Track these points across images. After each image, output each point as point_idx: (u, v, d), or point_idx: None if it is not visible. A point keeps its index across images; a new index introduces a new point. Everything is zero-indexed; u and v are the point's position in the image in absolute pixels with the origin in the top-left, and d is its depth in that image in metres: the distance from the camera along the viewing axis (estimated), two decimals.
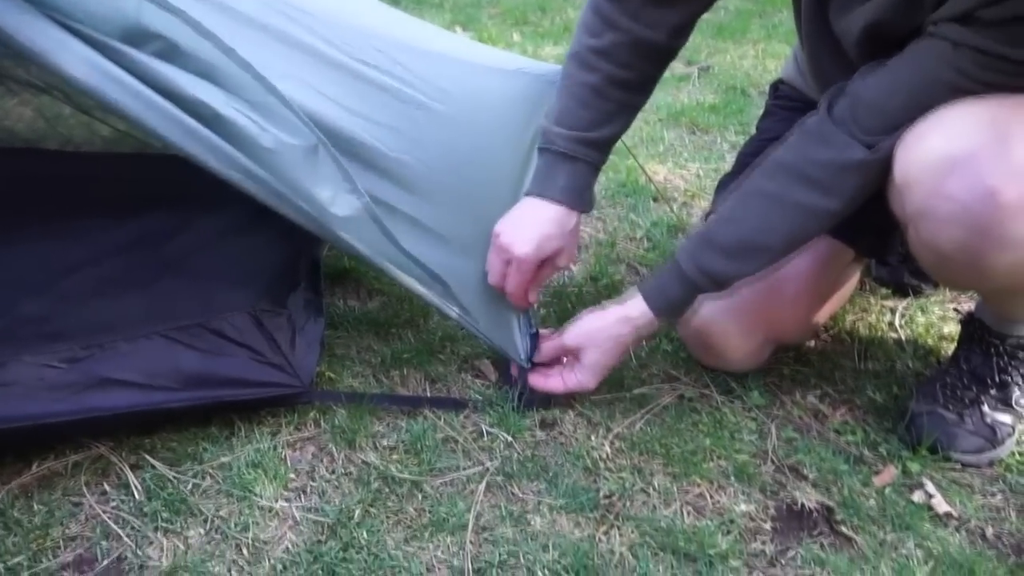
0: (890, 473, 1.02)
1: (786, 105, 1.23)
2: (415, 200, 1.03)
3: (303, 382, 1.01)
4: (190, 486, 0.95)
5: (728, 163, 1.79)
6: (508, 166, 1.08)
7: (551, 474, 0.99)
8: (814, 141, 0.93)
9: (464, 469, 0.99)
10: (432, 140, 1.04)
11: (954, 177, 0.83)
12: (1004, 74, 0.83)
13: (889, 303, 1.38)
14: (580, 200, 1.06)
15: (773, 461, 1.04)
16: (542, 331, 1.10)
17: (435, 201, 1.04)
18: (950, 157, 0.83)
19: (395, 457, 1.00)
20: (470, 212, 1.07)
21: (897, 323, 1.33)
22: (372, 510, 0.93)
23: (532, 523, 0.92)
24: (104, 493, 0.95)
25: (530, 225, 1.03)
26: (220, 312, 1.01)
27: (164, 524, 0.90)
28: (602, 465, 1.01)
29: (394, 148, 1.01)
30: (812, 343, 1.27)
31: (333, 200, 0.95)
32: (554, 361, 1.08)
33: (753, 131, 1.34)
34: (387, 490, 0.95)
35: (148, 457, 0.98)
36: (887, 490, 1.00)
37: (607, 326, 1.03)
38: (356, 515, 0.92)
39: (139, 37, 0.82)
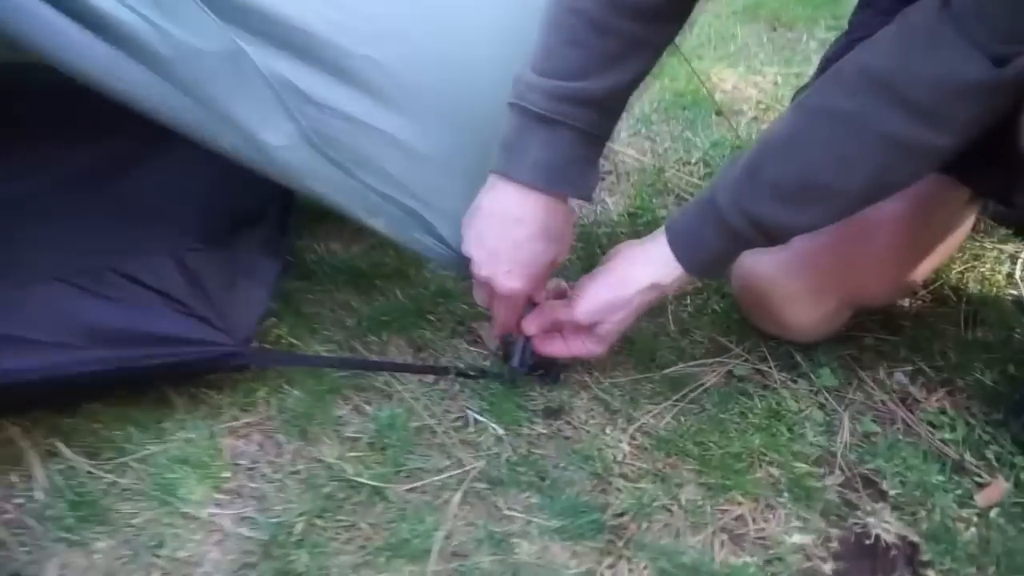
0: (998, 488, 0.78)
1: None
2: (386, 109, 0.81)
3: (236, 340, 0.81)
4: (106, 483, 0.78)
5: (815, 67, 1.48)
6: (497, 69, 0.82)
7: (548, 481, 0.78)
8: (919, 46, 0.64)
9: (440, 472, 0.79)
10: (404, 31, 0.82)
11: None
12: None
13: (1008, 248, 1.10)
14: (564, 181, 0.76)
15: (842, 469, 0.80)
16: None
17: (411, 110, 0.82)
18: None
19: (355, 453, 0.80)
20: (451, 121, 0.85)
21: (1018, 276, 1.05)
22: (319, 523, 0.74)
23: (517, 549, 0.72)
24: (10, 486, 0.79)
25: (509, 243, 0.76)
26: (136, 252, 0.82)
27: (66, 533, 0.74)
28: (616, 470, 0.79)
29: (359, 42, 0.79)
30: (905, 303, 1.00)
31: (263, 124, 0.73)
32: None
33: (847, 25, 1.03)
34: (340, 496, 0.76)
35: (62, 445, 0.81)
36: (993, 513, 0.76)
37: (629, 299, 0.78)
38: (298, 529, 0.73)
39: None
